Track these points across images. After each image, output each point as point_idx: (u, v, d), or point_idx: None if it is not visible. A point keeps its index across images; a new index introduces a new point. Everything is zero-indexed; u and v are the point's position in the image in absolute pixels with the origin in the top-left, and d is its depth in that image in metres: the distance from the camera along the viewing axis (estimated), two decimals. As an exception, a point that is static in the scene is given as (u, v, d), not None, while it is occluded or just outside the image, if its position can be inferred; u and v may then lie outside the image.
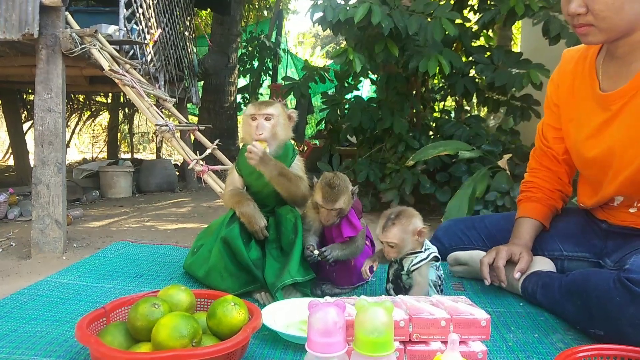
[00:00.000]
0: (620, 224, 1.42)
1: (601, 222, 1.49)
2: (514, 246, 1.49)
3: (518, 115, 4.07)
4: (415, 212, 1.32)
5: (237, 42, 8.11)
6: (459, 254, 1.66)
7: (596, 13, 1.19)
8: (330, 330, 0.85)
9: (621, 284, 1.11)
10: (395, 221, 1.28)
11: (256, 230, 1.45)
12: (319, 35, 17.61)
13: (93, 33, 3.19)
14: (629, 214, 1.39)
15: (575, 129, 1.44)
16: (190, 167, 2.77)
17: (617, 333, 1.12)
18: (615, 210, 1.43)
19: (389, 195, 4.16)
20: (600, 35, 1.24)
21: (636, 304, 1.08)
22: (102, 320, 1.08)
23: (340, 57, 3.70)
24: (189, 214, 4.84)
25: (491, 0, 4.12)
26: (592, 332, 1.20)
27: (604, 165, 1.37)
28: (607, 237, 1.47)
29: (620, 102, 1.29)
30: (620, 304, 1.10)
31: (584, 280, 1.26)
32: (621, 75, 1.31)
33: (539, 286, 1.42)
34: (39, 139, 3.15)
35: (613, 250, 1.42)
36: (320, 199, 1.39)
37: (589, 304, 1.20)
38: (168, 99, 3.50)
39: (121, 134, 10.35)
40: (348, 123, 4.67)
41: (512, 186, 3.46)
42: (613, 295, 1.12)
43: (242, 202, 1.46)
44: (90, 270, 1.68)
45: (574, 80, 1.45)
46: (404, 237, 1.27)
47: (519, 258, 1.46)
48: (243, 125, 1.52)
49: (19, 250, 3.36)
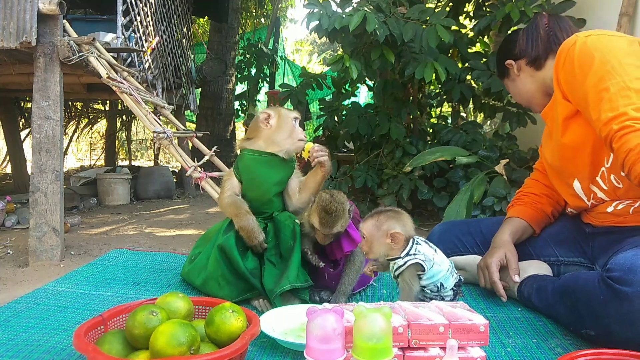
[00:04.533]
0: (602, 224, 1.47)
1: (585, 226, 1.54)
2: (496, 250, 1.52)
3: (514, 121, 4.09)
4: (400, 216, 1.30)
5: (235, 49, 8.14)
6: (456, 259, 1.68)
7: None
8: (329, 337, 0.85)
9: (604, 283, 1.15)
10: (374, 215, 1.30)
11: (255, 245, 1.45)
12: (316, 43, 17.69)
13: (91, 41, 3.20)
14: (608, 213, 1.43)
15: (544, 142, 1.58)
16: (188, 174, 2.77)
17: (605, 332, 1.15)
18: (595, 212, 1.47)
19: (386, 200, 4.17)
20: None
21: (619, 300, 1.11)
22: (99, 328, 1.07)
23: (336, 65, 3.71)
24: (187, 221, 4.84)
25: (487, 6, 4.15)
26: (584, 332, 1.23)
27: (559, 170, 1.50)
28: (593, 240, 1.52)
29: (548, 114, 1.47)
30: (604, 302, 1.14)
31: (573, 282, 1.30)
32: None
33: (534, 289, 1.45)
34: (36, 147, 3.14)
35: (599, 254, 1.47)
36: (317, 223, 1.37)
37: (577, 304, 1.24)
38: (166, 106, 3.51)
39: (119, 141, 10.33)
40: (345, 129, 4.68)
41: (510, 191, 3.47)
42: (597, 293, 1.16)
43: (241, 215, 1.45)
44: (87, 278, 1.68)
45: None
46: (374, 233, 1.27)
47: (506, 261, 1.50)
48: (283, 124, 1.50)
49: (16, 258, 3.34)
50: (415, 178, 4.13)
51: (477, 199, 3.33)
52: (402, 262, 1.27)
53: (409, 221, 1.30)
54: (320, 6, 3.67)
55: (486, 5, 4.19)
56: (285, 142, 1.49)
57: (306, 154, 1.46)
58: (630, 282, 1.09)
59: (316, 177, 1.47)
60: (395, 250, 1.28)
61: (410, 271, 1.27)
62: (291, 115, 1.51)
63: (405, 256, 1.27)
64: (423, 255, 1.27)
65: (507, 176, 3.63)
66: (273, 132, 1.50)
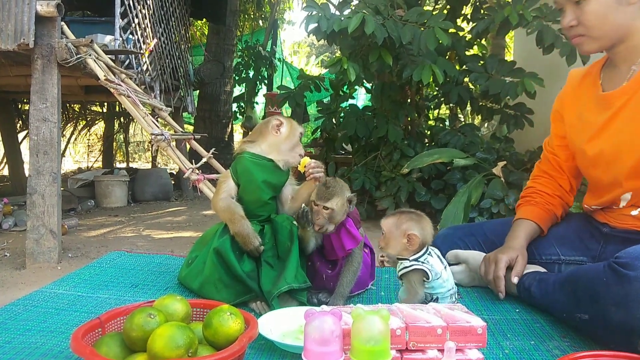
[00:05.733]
0: (622, 227, 1.45)
1: (602, 226, 1.51)
2: (511, 250, 1.52)
3: (512, 124, 4.11)
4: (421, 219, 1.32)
5: (233, 51, 8.14)
6: (459, 252, 1.68)
7: (585, 24, 1.33)
8: (327, 339, 0.85)
9: (610, 267, 1.17)
10: (396, 214, 1.34)
11: (251, 250, 1.45)
12: (314, 45, 17.71)
13: (89, 43, 3.20)
14: (631, 216, 1.41)
15: (578, 132, 1.50)
16: (186, 176, 2.77)
17: (601, 315, 1.17)
18: (617, 212, 1.45)
19: (384, 203, 4.18)
20: (593, 43, 1.36)
21: (622, 283, 1.12)
22: (97, 330, 1.07)
23: (334, 67, 3.72)
24: (185, 223, 4.83)
25: (485, 9, 4.17)
26: (578, 316, 1.25)
27: (609, 162, 1.41)
28: (608, 241, 1.50)
29: (621, 99, 1.36)
30: (607, 284, 1.16)
31: (577, 271, 1.32)
32: (621, 76, 1.39)
33: (535, 280, 1.46)
34: (34, 149, 3.14)
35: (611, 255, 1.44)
36: (315, 195, 1.41)
37: (577, 289, 1.26)
38: (164, 108, 3.50)
39: (116, 143, 10.32)
40: (343, 131, 4.69)
41: (507, 193, 3.48)
42: (601, 276, 1.18)
43: (236, 221, 1.45)
44: (85, 280, 1.67)
45: (580, 91, 1.52)
46: (393, 231, 1.30)
47: (515, 262, 1.50)
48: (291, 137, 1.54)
49: (13, 260, 3.33)
50: (413, 180, 4.13)
51: (474, 201, 3.33)
52: (408, 264, 1.29)
53: (429, 227, 1.31)
54: (319, 8, 3.68)
55: (484, 8, 4.20)
56: (288, 154, 1.53)
57: (302, 167, 1.51)
58: (636, 267, 1.10)
59: (309, 189, 1.50)
60: (409, 251, 1.30)
61: (418, 276, 1.28)
62: (299, 129, 1.56)
63: (412, 260, 1.29)
64: (430, 266, 1.28)
65: (504, 178, 3.64)
66: (280, 141, 1.53)
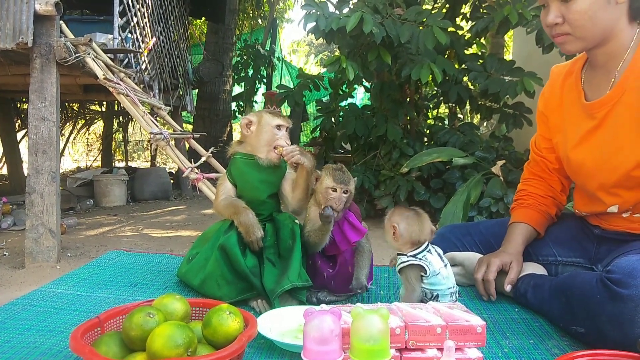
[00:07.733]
0: (614, 228, 1.44)
1: (594, 228, 1.51)
2: (505, 255, 1.51)
3: (511, 123, 4.11)
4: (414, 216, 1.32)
5: (232, 50, 8.13)
6: (456, 254, 1.67)
7: (571, 22, 1.28)
8: (326, 338, 0.85)
9: (602, 284, 1.15)
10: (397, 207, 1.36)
11: (252, 241, 1.45)
12: (313, 44, 17.70)
13: (87, 42, 3.19)
14: (622, 218, 1.41)
15: (564, 139, 1.48)
16: (185, 175, 2.77)
17: (596, 330, 1.15)
18: (608, 215, 1.44)
19: (383, 201, 4.18)
20: (578, 43, 1.32)
21: (615, 301, 1.11)
22: (96, 330, 1.07)
23: (333, 66, 3.72)
24: (184, 222, 4.83)
25: (484, 8, 4.16)
26: (574, 329, 1.24)
27: (592, 173, 1.40)
28: (600, 242, 1.49)
29: (604, 110, 1.35)
30: (600, 302, 1.14)
31: (571, 280, 1.30)
32: (602, 84, 1.37)
33: (530, 286, 1.45)
34: (32, 148, 3.14)
35: (604, 256, 1.45)
36: (332, 181, 1.38)
37: (572, 302, 1.24)
38: (162, 107, 3.50)
39: (115, 142, 10.31)
40: (342, 130, 4.69)
41: (506, 192, 3.49)
42: (594, 293, 1.16)
43: (240, 211, 1.46)
44: (84, 279, 1.67)
45: (562, 92, 1.50)
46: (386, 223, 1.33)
47: (509, 268, 1.48)
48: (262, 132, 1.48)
49: (12, 259, 3.33)
50: (412, 179, 4.13)
51: (473, 200, 3.33)
52: (405, 259, 1.30)
53: (424, 225, 1.30)
54: (318, 7, 3.68)
55: (483, 7, 4.20)
56: (264, 149, 1.47)
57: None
58: (629, 285, 1.10)
59: (302, 174, 1.47)
60: (400, 245, 1.30)
61: (414, 271, 1.28)
62: (273, 122, 1.47)
63: (409, 256, 1.29)
64: (428, 262, 1.28)
65: (503, 177, 3.65)
66: (254, 138, 1.50)
